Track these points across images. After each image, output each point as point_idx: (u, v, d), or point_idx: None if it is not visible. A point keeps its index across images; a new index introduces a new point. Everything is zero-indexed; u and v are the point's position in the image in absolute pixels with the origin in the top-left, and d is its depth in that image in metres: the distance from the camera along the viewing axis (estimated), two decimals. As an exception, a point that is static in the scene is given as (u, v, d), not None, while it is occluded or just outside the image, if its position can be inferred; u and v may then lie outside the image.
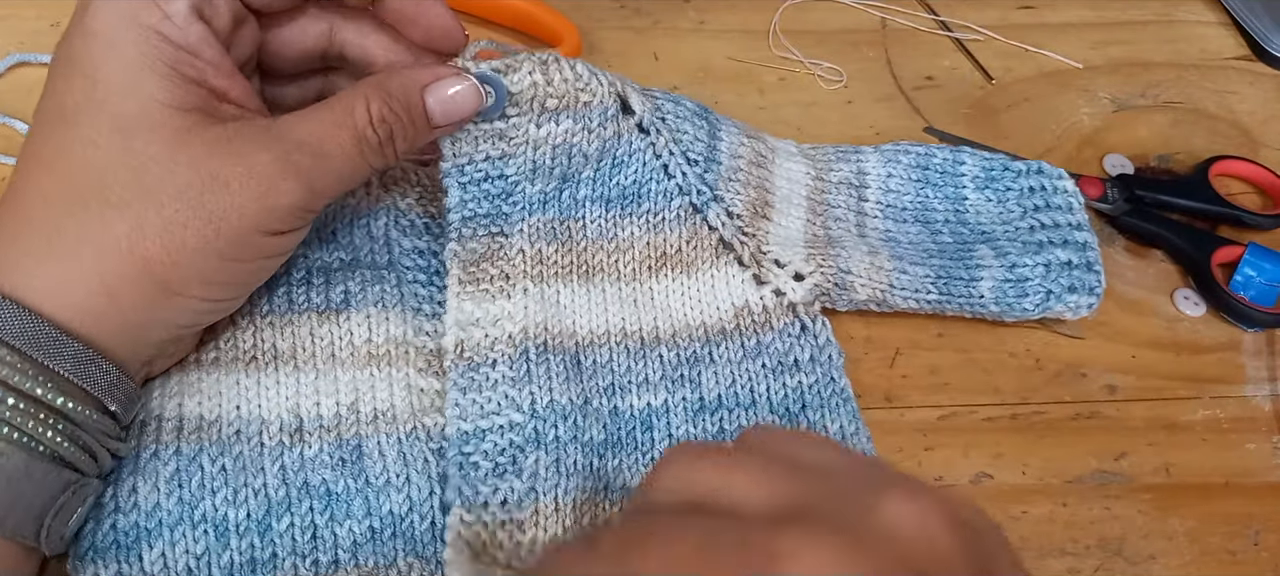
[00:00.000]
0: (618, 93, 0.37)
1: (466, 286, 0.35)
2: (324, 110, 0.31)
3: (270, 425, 0.33)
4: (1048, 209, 0.42)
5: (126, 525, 0.30)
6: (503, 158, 0.35)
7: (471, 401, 0.34)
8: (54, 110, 0.29)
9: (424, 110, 0.32)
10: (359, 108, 0.30)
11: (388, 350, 0.34)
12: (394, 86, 0.31)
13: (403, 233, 0.37)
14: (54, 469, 0.27)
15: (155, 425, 0.32)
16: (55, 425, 0.27)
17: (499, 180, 0.35)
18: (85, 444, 0.28)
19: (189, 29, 0.29)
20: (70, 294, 0.28)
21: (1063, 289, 0.40)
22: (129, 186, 0.28)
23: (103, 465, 0.30)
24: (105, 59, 0.28)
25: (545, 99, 0.34)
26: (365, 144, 0.31)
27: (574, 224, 0.38)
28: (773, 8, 0.53)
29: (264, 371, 0.34)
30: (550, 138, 0.35)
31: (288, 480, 0.32)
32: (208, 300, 0.31)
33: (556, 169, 0.36)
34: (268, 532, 0.31)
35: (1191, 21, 0.56)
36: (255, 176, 0.29)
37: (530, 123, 0.35)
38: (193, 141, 0.28)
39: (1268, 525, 0.37)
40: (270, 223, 0.30)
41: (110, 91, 0.28)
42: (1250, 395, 0.41)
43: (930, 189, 0.43)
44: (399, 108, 0.31)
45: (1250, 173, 0.48)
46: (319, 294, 0.35)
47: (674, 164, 0.39)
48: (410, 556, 0.31)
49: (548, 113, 0.35)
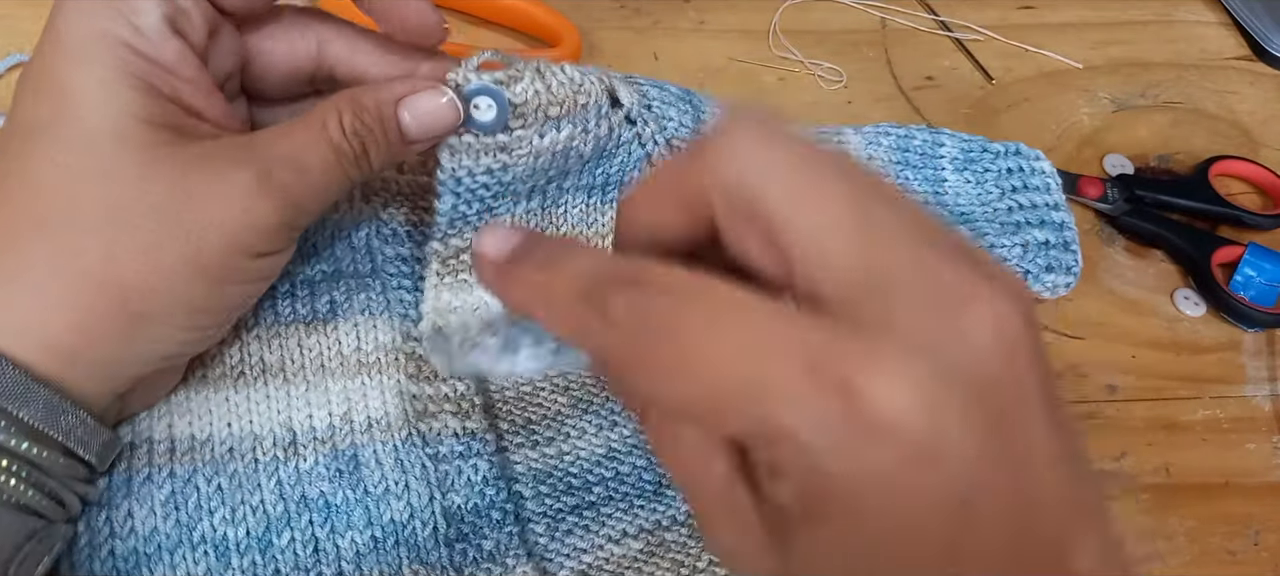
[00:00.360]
0: (607, 87, 0.36)
1: (444, 277, 0.35)
2: (299, 124, 0.29)
3: (263, 440, 0.32)
4: (1025, 189, 0.42)
5: (124, 551, 0.30)
6: (503, 169, 0.34)
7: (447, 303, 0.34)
8: (19, 128, 0.27)
9: (398, 124, 0.31)
10: (331, 120, 0.29)
11: (377, 358, 0.34)
12: (367, 99, 0.30)
13: (385, 241, 0.37)
14: (18, 517, 0.26)
15: (146, 448, 0.31)
16: (19, 473, 0.26)
17: (495, 186, 0.35)
18: (51, 491, 0.27)
19: (163, 45, 0.27)
20: (39, 332, 0.26)
21: (1040, 269, 0.40)
22: (98, 207, 0.26)
23: (71, 510, 0.28)
24: (73, 72, 0.27)
25: (547, 107, 0.34)
26: (342, 155, 0.29)
27: (556, 211, 0.38)
28: (773, 8, 0.53)
29: (253, 387, 0.33)
30: (552, 145, 0.35)
31: (285, 495, 0.31)
32: (190, 329, 0.29)
33: (552, 170, 0.36)
34: (268, 549, 0.31)
35: (1191, 21, 0.56)
36: (235, 194, 0.27)
37: (533, 134, 0.34)
38: (166, 159, 0.27)
39: (1268, 525, 0.37)
40: (253, 242, 0.28)
41: (77, 106, 0.27)
42: (1250, 395, 0.41)
43: (910, 171, 0.43)
44: (371, 120, 0.30)
45: (1250, 173, 0.48)
46: (304, 305, 0.35)
47: (657, 154, 0.39)
48: (415, 564, 0.31)
49: (551, 121, 0.34)
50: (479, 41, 0.49)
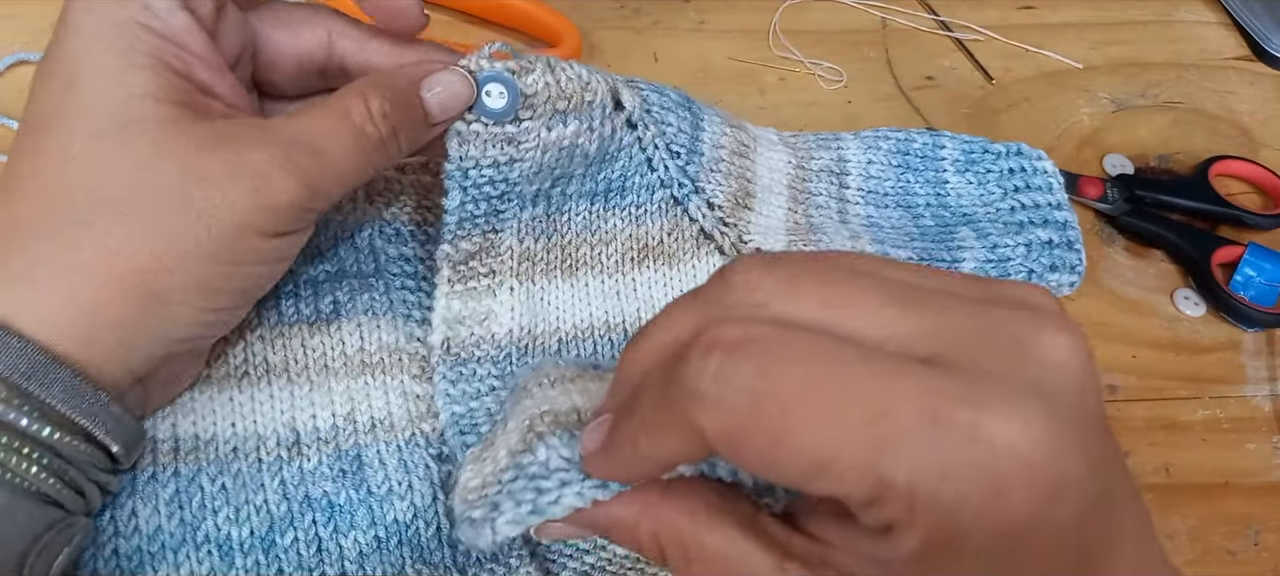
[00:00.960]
0: (611, 89, 0.37)
1: (455, 285, 0.35)
2: (319, 107, 0.30)
3: (267, 440, 0.32)
4: (1028, 189, 0.42)
5: (128, 549, 0.30)
6: (510, 162, 0.34)
7: (461, 392, 0.34)
8: (33, 119, 0.28)
9: (422, 106, 0.31)
10: (356, 105, 0.30)
11: (381, 358, 0.34)
12: (392, 82, 0.31)
13: (388, 241, 0.37)
14: (38, 507, 0.26)
15: (150, 447, 0.32)
16: (40, 460, 0.26)
17: (501, 183, 0.35)
18: (72, 480, 0.27)
19: (171, 17, 0.28)
20: (55, 315, 0.26)
21: (1044, 268, 0.40)
22: (111, 191, 0.27)
23: (91, 503, 0.28)
24: (85, 57, 0.27)
25: (556, 100, 0.34)
26: (365, 140, 0.30)
27: (561, 218, 0.38)
28: (773, 8, 0.53)
29: (257, 386, 0.33)
30: (559, 140, 0.35)
31: (288, 495, 0.32)
32: (207, 310, 0.29)
33: (558, 169, 0.36)
34: (272, 549, 0.31)
35: (1191, 21, 0.56)
36: (249, 174, 0.27)
37: (542, 126, 0.34)
38: (179, 137, 0.27)
39: (1268, 525, 0.37)
40: (268, 223, 0.28)
41: (88, 92, 0.27)
42: (1250, 395, 0.41)
43: (911, 174, 0.43)
44: (400, 103, 0.30)
45: (1250, 173, 0.48)
46: (308, 305, 0.35)
47: (657, 157, 0.39)
48: (418, 564, 0.31)
49: (558, 115, 0.34)
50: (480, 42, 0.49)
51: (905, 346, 0.18)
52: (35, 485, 0.26)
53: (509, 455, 0.24)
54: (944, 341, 0.18)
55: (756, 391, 0.18)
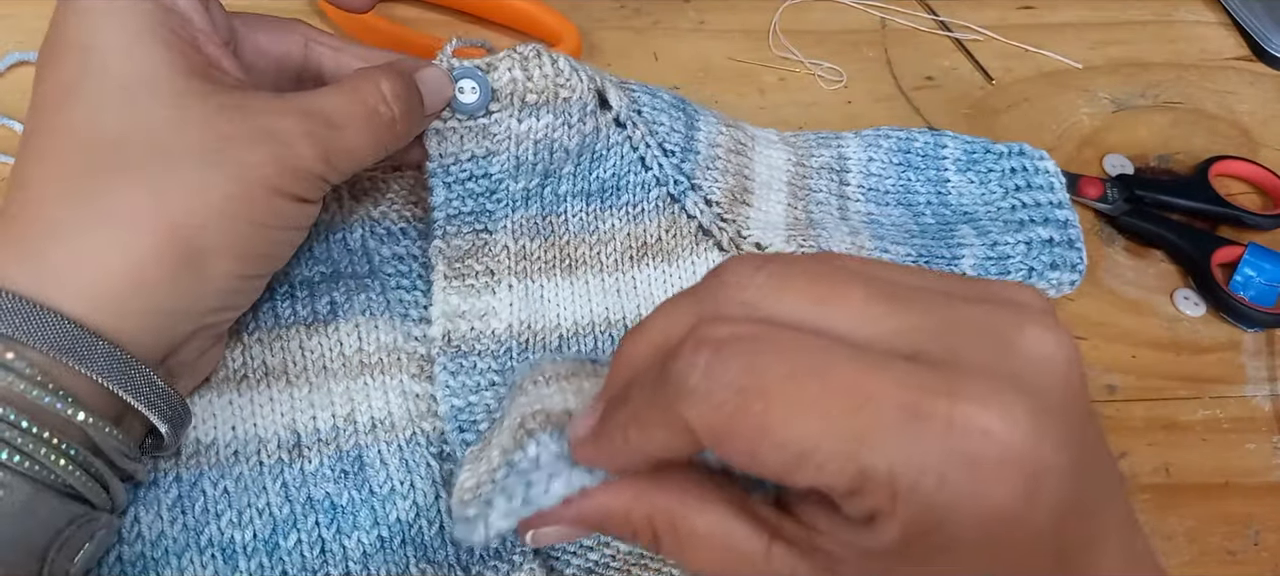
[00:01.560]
0: (596, 88, 0.37)
1: (452, 281, 0.36)
2: (334, 87, 0.31)
3: (268, 443, 0.33)
4: (1029, 188, 0.42)
5: (132, 555, 0.30)
6: (487, 156, 0.35)
7: (461, 384, 0.34)
8: (50, 92, 0.28)
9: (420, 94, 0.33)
10: (369, 87, 0.31)
11: (380, 358, 0.34)
12: (404, 65, 0.32)
13: (380, 241, 0.38)
14: (61, 502, 0.26)
15: None
16: (67, 450, 0.25)
17: (483, 178, 0.36)
18: (97, 472, 0.27)
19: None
20: (89, 284, 0.26)
21: (1044, 266, 0.40)
22: (143, 149, 0.27)
23: (116, 499, 0.28)
24: (100, 29, 0.27)
25: (525, 93, 0.35)
26: (377, 120, 0.31)
27: (556, 219, 0.38)
28: (773, 8, 0.53)
29: (257, 389, 0.33)
30: (531, 132, 0.36)
31: (291, 497, 0.32)
32: (236, 276, 0.29)
33: (538, 165, 0.36)
34: (275, 551, 0.31)
35: (1191, 21, 0.56)
36: (272, 137, 0.28)
37: (511, 118, 0.35)
38: (202, 104, 0.28)
39: (1268, 525, 0.37)
40: (292, 185, 0.29)
41: (109, 56, 0.27)
42: (1250, 395, 0.41)
43: (912, 172, 0.43)
44: (406, 89, 0.32)
45: (1250, 173, 0.48)
46: (304, 306, 0.35)
47: (650, 156, 0.39)
48: (421, 563, 0.31)
49: (528, 107, 0.35)
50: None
51: (890, 343, 0.19)
52: (61, 476, 0.25)
53: (501, 453, 0.25)
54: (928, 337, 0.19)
55: (743, 387, 0.18)
